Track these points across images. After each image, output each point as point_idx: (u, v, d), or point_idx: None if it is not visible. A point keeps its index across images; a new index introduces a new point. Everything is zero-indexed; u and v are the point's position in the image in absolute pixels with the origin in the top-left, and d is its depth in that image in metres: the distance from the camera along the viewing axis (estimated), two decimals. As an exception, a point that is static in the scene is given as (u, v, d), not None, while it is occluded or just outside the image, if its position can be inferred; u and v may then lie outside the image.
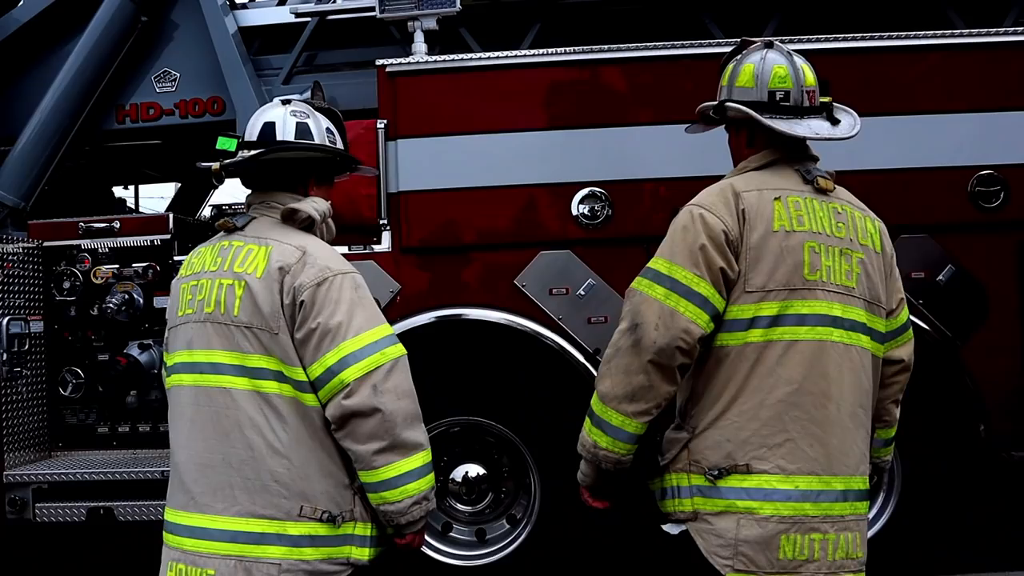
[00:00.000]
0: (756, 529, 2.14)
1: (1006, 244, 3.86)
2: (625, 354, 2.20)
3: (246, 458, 2.15)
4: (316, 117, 2.46)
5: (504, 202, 3.95)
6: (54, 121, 4.67)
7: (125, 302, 4.28)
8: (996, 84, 3.88)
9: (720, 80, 2.47)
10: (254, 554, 2.12)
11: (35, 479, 4.07)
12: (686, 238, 2.22)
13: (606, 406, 2.25)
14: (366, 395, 2.12)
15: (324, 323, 2.14)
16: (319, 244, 2.31)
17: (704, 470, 2.20)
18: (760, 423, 2.15)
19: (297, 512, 2.14)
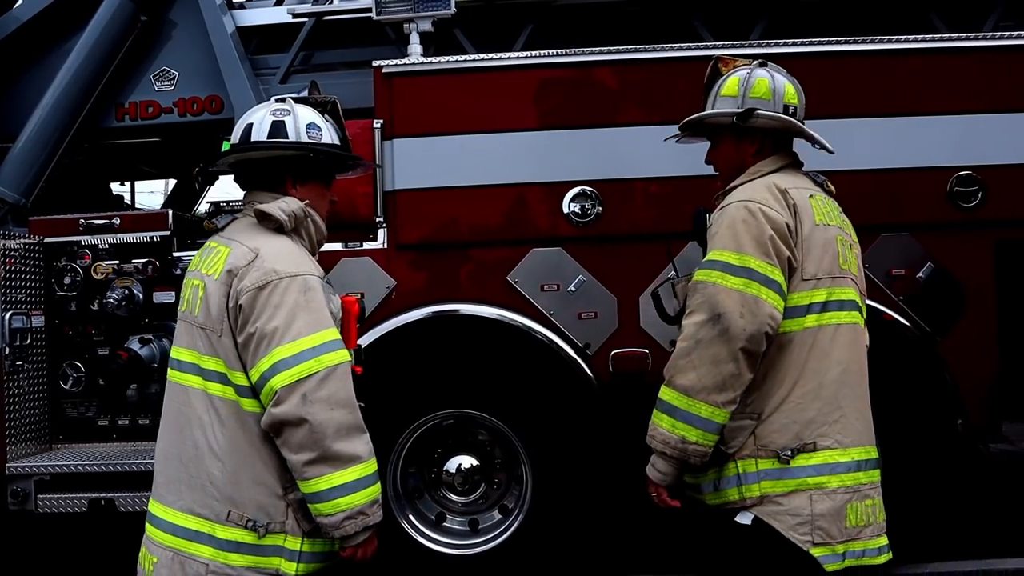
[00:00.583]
0: (828, 502, 2.31)
1: (983, 242, 3.98)
2: (711, 344, 2.27)
3: (192, 456, 2.19)
4: (297, 114, 2.38)
5: (497, 200, 4.06)
6: (55, 119, 4.74)
7: (125, 297, 4.34)
8: (975, 87, 4.00)
9: (720, 90, 2.59)
10: (187, 550, 2.16)
11: (37, 471, 4.15)
12: (750, 231, 2.34)
13: (693, 399, 2.30)
14: (294, 404, 2.07)
15: (260, 328, 2.11)
16: (279, 246, 2.25)
17: (775, 453, 2.33)
18: (822, 402, 2.34)
19: (225, 516, 2.14)
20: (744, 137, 2.55)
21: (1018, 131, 3.97)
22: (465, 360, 4.11)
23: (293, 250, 2.27)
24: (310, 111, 2.43)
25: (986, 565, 4.28)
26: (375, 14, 4.18)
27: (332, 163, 2.48)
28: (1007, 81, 3.99)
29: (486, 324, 4.04)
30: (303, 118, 2.39)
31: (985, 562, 4.30)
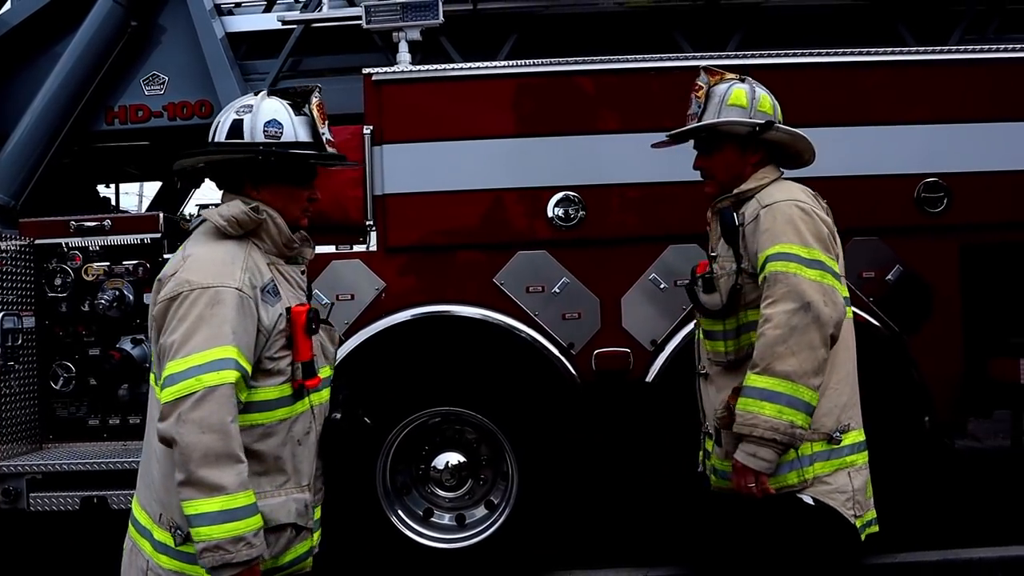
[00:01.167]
0: (860, 478, 2.55)
1: (949, 246, 4.15)
2: (806, 331, 2.37)
3: (146, 453, 2.23)
4: (258, 112, 2.26)
5: (484, 204, 4.18)
6: (45, 122, 4.78)
7: (116, 298, 4.41)
8: (941, 98, 4.17)
9: (727, 100, 2.72)
10: (138, 543, 2.20)
11: (29, 469, 4.21)
12: (810, 227, 2.51)
13: (798, 383, 2.37)
14: (171, 423, 2.00)
15: (165, 340, 2.08)
16: (211, 253, 2.17)
17: (826, 435, 2.50)
18: (849, 387, 2.57)
19: (158, 517, 2.15)
20: (749, 147, 2.70)
21: (982, 140, 4.15)
22: (453, 360, 4.21)
23: (224, 258, 2.16)
24: (279, 106, 2.29)
25: (952, 555, 4.45)
26: (365, 22, 4.29)
27: (294, 162, 2.29)
28: (972, 92, 4.18)
29: (473, 325, 4.15)
30: (264, 115, 2.26)
31: (951, 552, 4.48)
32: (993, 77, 4.19)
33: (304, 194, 2.33)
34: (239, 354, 2.06)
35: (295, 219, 2.33)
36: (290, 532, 2.20)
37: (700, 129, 2.74)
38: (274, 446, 2.19)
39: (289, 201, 2.30)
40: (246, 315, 2.10)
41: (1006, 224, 4.15)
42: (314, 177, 2.36)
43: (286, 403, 2.20)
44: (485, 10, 4.60)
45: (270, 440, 2.18)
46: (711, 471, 2.76)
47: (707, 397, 2.78)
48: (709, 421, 2.75)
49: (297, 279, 2.36)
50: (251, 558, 2.01)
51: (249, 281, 2.15)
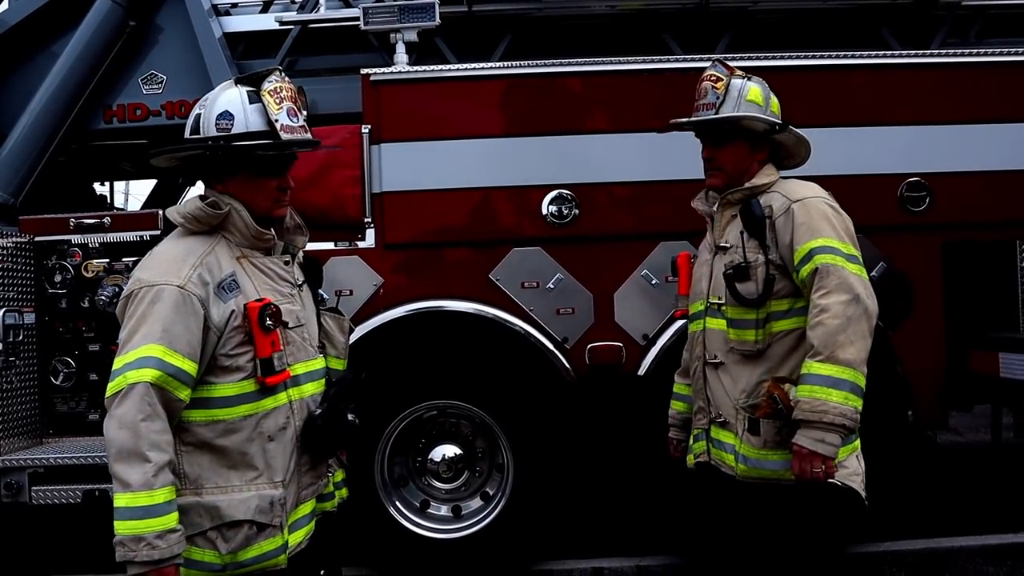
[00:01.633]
0: (861, 460, 2.64)
1: (931, 244, 4.27)
2: (860, 320, 2.46)
3: None
4: (212, 105, 2.25)
5: (480, 202, 4.27)
6: (44, 120, 4.82)
7: (116, 295, 4.46)
8: (924, 100, 4.30)
9: (745, 96, 2.77)
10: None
11: (31, 463, 4.26)
12: (842, 223, 2.63)
13: (856, 371, 2.44)
14: (106, 417, 2.06)
15: (119, 337, 2.15)
16: (168, 250, 2.22)
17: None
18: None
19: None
20: (758, 144, 2.78)
21: (963, 141, 4.27)
22: (449, 354, 4.30)
23: (178, 255, 2.18)
24: (234, 95, 2.25)
25: (935, 543, 4.59)
26: (363, 24, 4.37)
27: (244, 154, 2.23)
28: (953, 95, 4.30)
29: (469, 320, 4.24)
30: (217, 108, 2.24)
31: (934, 540, 4.61)
32: (973, 80, 4.31)
33: (272, 184, 2.28)
34: (165, 352, 2.05)
35: (266, 210, 2.29)
36: (248, 528, 2.17)
37: (724, 121, 2.75)
38: (239, 442, 2.19)
39: (256, 192, 2.27)
40: (187, 313, 2.10)
41: (985, 223, 4.28)
42: (282, 165, 2.30)
43: (250, 399, 2.20)
44: (480, 12, 4.69)
45: (234, 436, 2.19)
46: (741, 460, 2.66)
47: (719, 387, 2.74)
48: (723, 410, 2.73)
49: (279, 271, 2.32)
50: (152, 560, 1.98)
51: (199, 278, 2.15)
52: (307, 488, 2.34)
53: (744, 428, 2.64)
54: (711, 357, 2.77)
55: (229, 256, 2.24)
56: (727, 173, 2.78)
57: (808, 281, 2.54)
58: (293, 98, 2.30)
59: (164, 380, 2.06)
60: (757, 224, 2.65)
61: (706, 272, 2.85)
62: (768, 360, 2.62)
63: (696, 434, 2.88)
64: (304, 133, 2.31)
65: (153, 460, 2.02)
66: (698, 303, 2.87)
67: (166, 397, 2.08)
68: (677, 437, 3.11)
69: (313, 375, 2.35)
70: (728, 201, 2.79)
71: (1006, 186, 4.26)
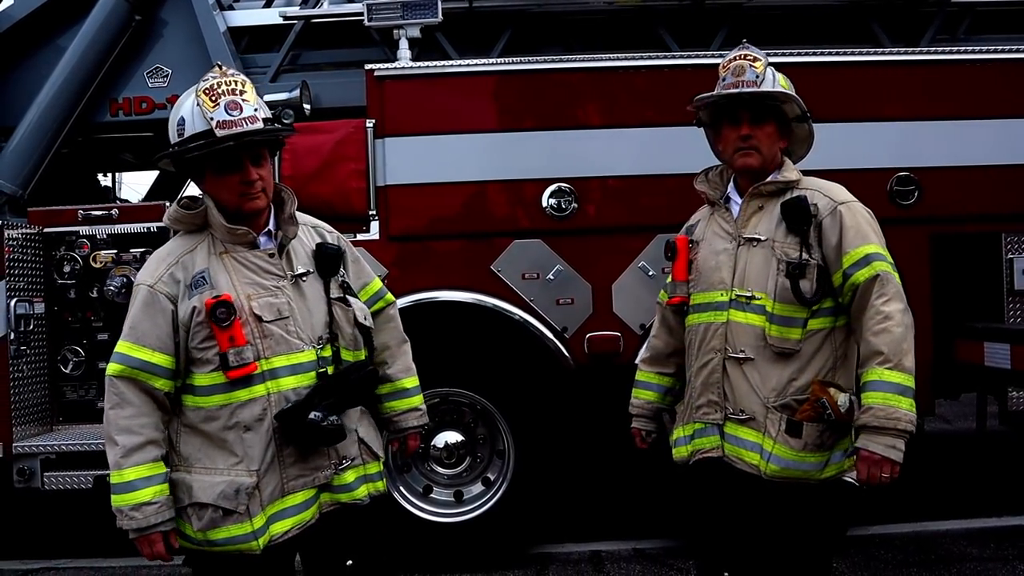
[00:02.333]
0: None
1: (919, 236, 4.37)
2: (911, 330, 2.50)
3: None
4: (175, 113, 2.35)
5: (481, 195, 4.38)
6: (51, 114, 4.90)
7: (124, 285, 4.56)
8: (913, 97, 4.41)
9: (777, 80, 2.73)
10: None
11: (44, 449, 4.36)
12: (879, 231, 2.63)
13: (913, 378, 2.45)
14: None
15: None
16: (158, 250, 2.40)
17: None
18: None
19: None
20: (783, 130, 2.74)
21: (951, 136, 4.38)
22: (452, 343, 4.40)
23: (160, 255, 2.36)
24: (190, 100, 2.31)
25: (922, 527, 4.74)
26: (366, 20, 4.44)
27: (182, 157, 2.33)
28: (942, 91, 4.41)
29: (471, 310, 4.35)
30: (175, 115, 2.34)
31: (920, 524, 4.76)
32: (962, 77, 4.42)
33: (233, 179, 2.30)
34: (131, 347, 2.27)
35: (235, 205, 2.32)
36: (213, 512, 2.28)
37: (774, 97, 2.68)
38: (217, 429, 2.31)
39: (221, 189, 2.33)
40: (154, 310, 2.28)
41: (972, 216, 4.41)
42: (236, 160, 2.29)
43: (221, 390, 2.29)
44: (480, 8, 4.77)
45: (213, 423, 2.31)
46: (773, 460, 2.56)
47: (743, 383, 2.61)
48: (747, 407, 2.61)
49: (263, 264, 2.36)
50: (132, 528, 2.25)
51: (171, 276, 2.29)
52: (295, 479, 2.37)
53: (780, 429, 2.55)
54: (735, 351, 2.62)
55: (207, 253, 2.33)
56: (762, 154, 2.67)
57: (864, 286, 2.51)
58: (234, 91, 2.29)
59: (130, 372, 2.27)
60: (803, 222, 2.58)
61: (726, 262, 2.68)
62: (798, 359, 2.57)
63: (699, 428, 2.72)
64: (249, 124, 2.28)
65: (120, 443, 2.26)
66: (715, 293, 2.68)
67: (141, 387, 2.28)
68: (646, 428, 3.02)
69: (297, 368, 2.36)
70: (759, 192, 2.68)
71: (993, 180, 4.38)
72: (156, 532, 2.27)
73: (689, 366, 2.78)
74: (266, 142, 2.38)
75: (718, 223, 2.77)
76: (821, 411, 2.51)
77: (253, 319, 2.30)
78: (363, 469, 2.54)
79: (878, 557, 4.35)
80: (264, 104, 2.39)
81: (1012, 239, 4.43)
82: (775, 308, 2.58)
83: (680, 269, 2.80)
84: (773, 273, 2.59)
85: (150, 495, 2.25)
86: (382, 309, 2.74)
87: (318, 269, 2.47)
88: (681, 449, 2.79)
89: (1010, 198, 4.40)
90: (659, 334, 2.98)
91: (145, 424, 2.27)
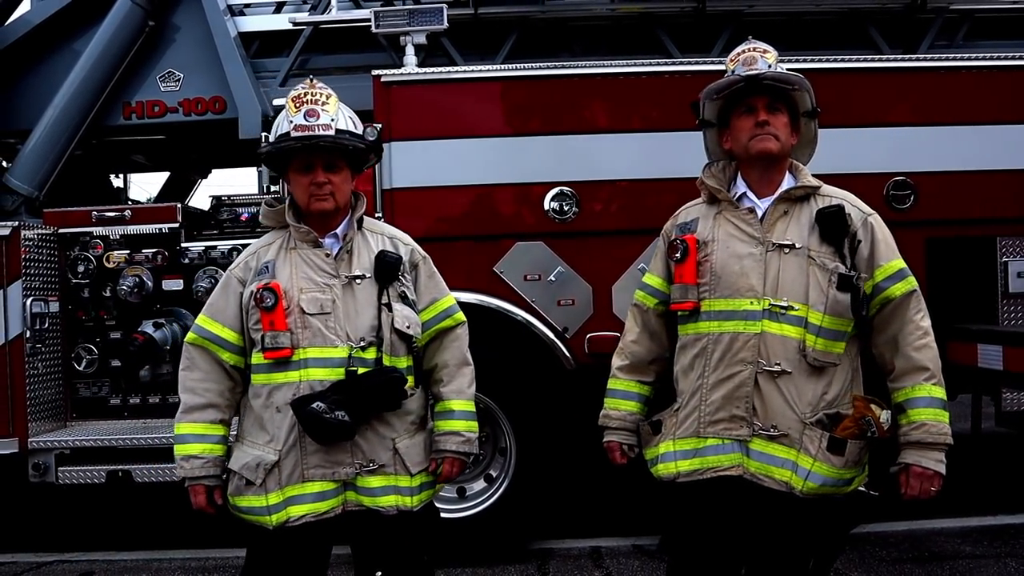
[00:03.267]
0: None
1: (915, 239, 4.41)
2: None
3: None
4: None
5: (485, 198, 4.48)
6: (66, 117, 5.02)
7: (136, 285, 4.68)
8: (909, 103, 4.50)
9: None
10: None
11: (59, 445, 4.48)
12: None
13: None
14: None
15: None
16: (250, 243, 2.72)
17: None
18: None
19: None
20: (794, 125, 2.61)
21: (946, 142, 4.46)
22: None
23: (249, 248, 2.66)
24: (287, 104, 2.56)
25: (917, 525, 4.80)
26: (374, 27, 4.56)
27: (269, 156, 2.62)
28: (938, 97, 4.49)
29: (474, 310, 4.39)
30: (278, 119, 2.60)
31: (916, 522, 4.82)
32: (958, 84, 4.50)
33: (305, 180, 2.51)
34: (206, 320, 2.58)
35: (305, 205, 2.54)
36: (238, 480, 2.52)
37: (791, 81, 2.55)
38: (259, 407, 2.53)
39: (296, 188, 2.56)
40: (228, 291, 2.59)
41: (967, 220, 4.49)
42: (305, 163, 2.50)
43: (263, 370, 2.51)
44: (485, 15, 4.87)
45: (256, 400, 2.54)
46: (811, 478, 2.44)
47: (777, 398, 2.47)
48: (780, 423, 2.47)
49: (319, 262, 2.53)
50: (182, 476, 2.55)
51: (246, 264, 2.60)
52: (314, 468, 2.48)
53: (821, 446, 2.43)
54: (770, 364, 2.46)
55: (279, 248, 2.59)
56: (780, 141, 2.55)
57: (900, 300, 2.49)
58: (316, 101, 2.52)
59: (201, 341, 2.58)
60: (842, 232, 2.50)
61: (754, 268, 2.51)
62: (829, 373, 2.48)
63: (714, 444, 2.53)
64: (321, 131, 2.49)
65: (184, 400, 2.57)
66: (742, 301, 2.50)
67: (210, 356, 2.57)
68: (627, 441, 2.76)
69: (327, 362, 2.47)
70: (788, 196, 2.56)
71: (987, 185, 4.46)
72: (200, 485, 2.54)
73: (697, 376, 2.55)
74: (342, 152, 2.54)
75: (733, 224, 2.58)
76: (865, 428, 2.43)
77: (298, 310, 2.49)
78: (393, 479, 2.56)
79: (873, 554, 4.42)
80: (350, 119, 2.60)
81: (1007, 243, 4.51)
82: (824, 321, 2.45)
83: (690, 271, 2.57)
84: (817, 284, 2.46)
85: (198, 450, 2.53)
86: (450, 328, 2.75)
87: (376, 275, 2.57)
88: (670, 465, 2.60)
89: (1005, 202, 4.48)
90: (640, 339, 2.76)
91: (209, 389, 2.55)
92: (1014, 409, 4.45)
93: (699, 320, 2.56)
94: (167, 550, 4.87)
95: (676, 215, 2.76)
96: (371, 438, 2.53)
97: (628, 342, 2.79)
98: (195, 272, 4.68)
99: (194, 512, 2.60)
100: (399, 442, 2.58)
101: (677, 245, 2.61)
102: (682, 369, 2.63)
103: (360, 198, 2.68)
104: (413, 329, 2.59)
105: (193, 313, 4.61)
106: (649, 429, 2.70)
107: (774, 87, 2.54)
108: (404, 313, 2.58)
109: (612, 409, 2.80)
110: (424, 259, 2.77)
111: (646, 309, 2.76)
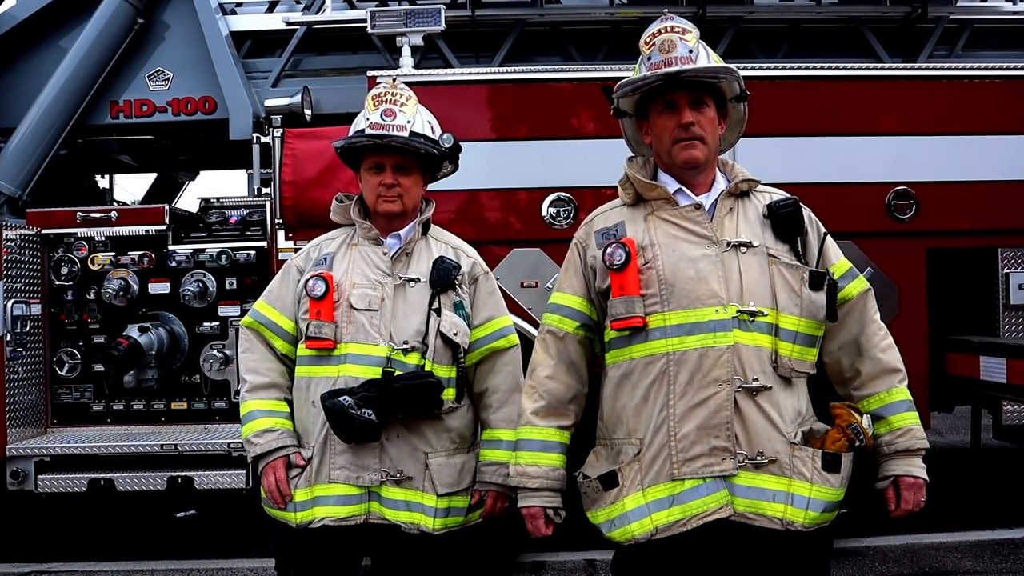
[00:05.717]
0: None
1: (916, 249, 4.42)
2: None
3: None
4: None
5: (483, 204, 4.40)
6: (51, 115, 4.92)
7: (122, 288, 4.56)
8: (910, 112, 4.45)
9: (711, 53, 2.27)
10: None
11: (38, 452, 4.35)
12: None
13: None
14: None
15: None
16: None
17: None
18: None
19: None
20: (720, 113, 2.28)
21: (948, 152, 4.43)
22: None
23: (316, 239, 2.64)
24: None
25: (916, 539, 4.74)
26: (370, 27, 4.48)
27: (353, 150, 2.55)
28: (939, 107, 4.45)
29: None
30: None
31: (915, 536, 4.76)
32: (959, 93, 4.47)
33: (375, 179, 2.49)
34: (263, 306, 2.59)
35: (372, 204, 2.52)
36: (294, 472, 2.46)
37: (718, 73, 2.21)
38: (299, 401, 2.50)
39: (366, 186, 2.54)
40: (287, 279, 2.58)
41: (969, 230, 4.44)
42: (376, 162, 2.48)
43: (306, 362, 2.47)
44: (483, 18, 4.80)
45: (298, 394, 2.50)
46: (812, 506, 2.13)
47: (760, 419, 2.13)
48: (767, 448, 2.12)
49: (376, 260, 2.49)
50: (255, 455, 2.47)
51: (307, 255, 2.59)
52: (340, 469, 2.40)
53: (816, 466, 2.13)
54: (748, 381, 2.12)
55: (341, 243, 2.58)
56: (707, 144, 2.22)
57: (859, 300, 2.26)
58: (395, 101, 2.52)
59: (256, 325, 2.58)
60: (796, 230, 2.23)
61: (711, 270, 2.16)
62: (797, 386, 2.20)
63: (694, 486, 2.13)
64: (395, 131, 2.46)
65: (248, 380, 2.55)
66: (705, 311, 2.13)
67: (264, 340, 2.56)
68: (553, 505, 2.34)
69: (365, 359, 2.41)
70: (735, 191, 2.26)
71: (990, 196, 4.42)
72: (279, 457, 2.45)
73: (658, 408, 2.14)
74: (414, 154, 2.50)
75: (674, 224, 2.22)
76: (854, 437, 2.17)
77: (347, 304, 2.45)
78: (419, 496, 2.42)
79: (872, 569, 4.35)
80: (428, 123, 2.58)
81: (1009, 254, 4.48)
82: (801, 325, 2.16)
83: (632, 280, 2.18)
84: (785, 285, 2.16)
85: (271, 423, 2.48)
86: (503, 350, 2.59)
87: (431, 280, 2.51)
88: (644, 522, 2.18)
89: (1007, 213, 4.44)
90: (556, 373, 2.31)
91: (271, 368, 2.54)
92: (1015, 423, 4.41)
93: (649, 339, 2.16)
94: (150, 560, 4.73)
95: (590, 220, 2.36)
96: (402, 447, 2.41)
97: (542, 378, 2.31)
98: (182, 276, 4.57)
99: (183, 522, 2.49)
100: (432, 458, 2.44)
101: (612, 251, 2.21)
102: (629, 405, 2.20)
103: (429, 203, 2.66)
104: (460, 337, 2.47)
105: (180, 317, 4.61)
106: (598, 485, 2.27)
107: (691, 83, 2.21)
108: (453, 320, 2.47)
109: (530, 465, 2.31)
110: (486, 274, 2.67)
111: (563, 335, 2.31)
